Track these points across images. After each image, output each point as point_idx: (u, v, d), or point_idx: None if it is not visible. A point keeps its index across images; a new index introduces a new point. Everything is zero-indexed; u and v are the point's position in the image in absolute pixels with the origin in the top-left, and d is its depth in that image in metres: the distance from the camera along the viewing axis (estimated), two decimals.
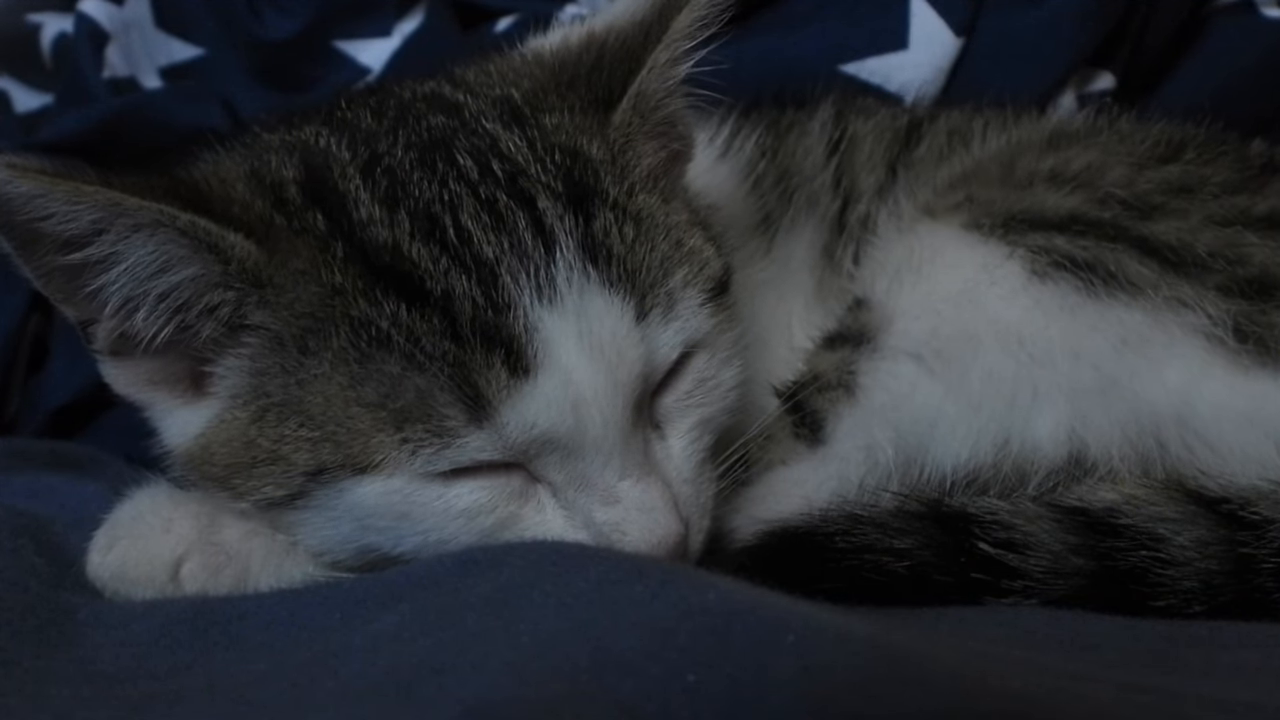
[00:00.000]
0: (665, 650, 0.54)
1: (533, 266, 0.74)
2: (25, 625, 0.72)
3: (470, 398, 0.72)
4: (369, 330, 0.73)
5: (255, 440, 0.76)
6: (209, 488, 0.80)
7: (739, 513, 0.87)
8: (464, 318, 0.72)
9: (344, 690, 0.60)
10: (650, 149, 0.85)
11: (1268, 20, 1.29)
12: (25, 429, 1.35)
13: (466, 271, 0.73)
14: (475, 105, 0.83)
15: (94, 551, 0.81)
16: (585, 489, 0.76)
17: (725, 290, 0.84)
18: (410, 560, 0.77)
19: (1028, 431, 0.86)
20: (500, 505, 0.76)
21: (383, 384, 0.72)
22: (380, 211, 0.75)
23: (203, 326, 0.76)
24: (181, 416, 0.80)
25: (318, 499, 0.76)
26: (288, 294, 0.74)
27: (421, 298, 0.73)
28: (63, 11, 1.52)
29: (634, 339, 0.76)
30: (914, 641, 0.60)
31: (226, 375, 0.78)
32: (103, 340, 0.78)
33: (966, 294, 0.90)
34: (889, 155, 1.07)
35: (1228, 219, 0.92)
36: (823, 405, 0.91)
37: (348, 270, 0.74)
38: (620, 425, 0.75)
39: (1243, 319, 0.86)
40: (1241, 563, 0.79)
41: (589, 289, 0.74)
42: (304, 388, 0.74)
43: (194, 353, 0.78)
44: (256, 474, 0.76)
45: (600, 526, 0.76)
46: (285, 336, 0.74)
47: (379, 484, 0.74)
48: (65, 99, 1.49)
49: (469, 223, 0.75)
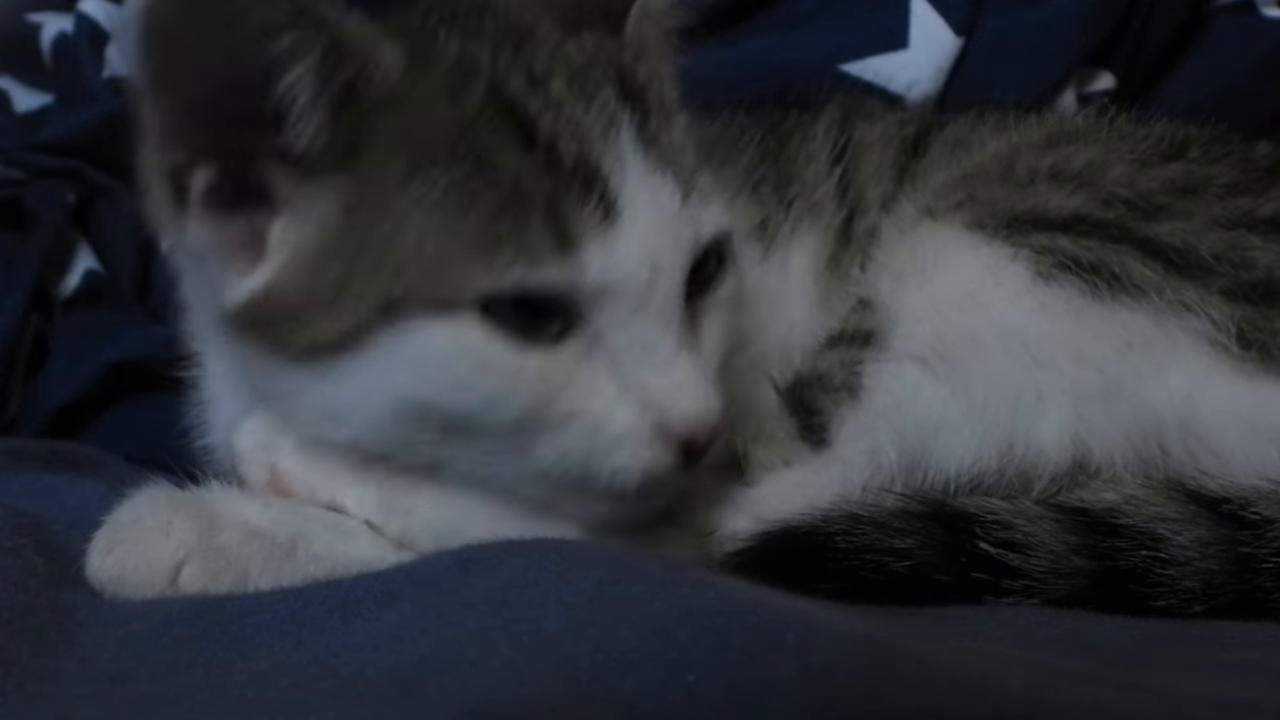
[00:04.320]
0: (665, 650, 0.54)
1: (612, 134, 0.80)
2: (25, 625, 0.72)
3: (561, 231, 0.76)
4: (487, 159, 0.77)
5: (327, 270, 0.78)
6: (253, 345, 0.81)
7: (743, 513, 0.86)
8: (566, 161, 0.78)
9: (344, 690, 0.60)
10: (667, 73, 0.90)
11: (1268, 20, 1.29)
12: (25, 429, 1.35)
13: (567, 126, 0.79)
14: (534, 14, 0.87)
15: (93, 554, 0.81)
16: (643, 355, 0.79)
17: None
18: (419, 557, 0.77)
19: (1032, 435, 0.86)
20: (561, 369, 0.79)
21: (485, 214, 0.76)
22: (507, 61, 0.81)
23: (317, 138, 0.78)
24: (244, 274, 0.81)
25: (380, 341, 0.77)
26: (419, 112, 0.78)
27: (534, 140, 0.78)
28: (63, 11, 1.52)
29: (685, 216, 0.81)
30: (914, 641, 0.60)
31: (300, 219, 0.80)
32: (199, 186, 0.79)
33: (971, 296, 0.90)
34: (896, 166, 1.07)
35: (1232, 221, 0.91)
36: (827, 407, 0.91)
37: (486, 100, 0.78)
38: (680, 293, 0.81)
39: (1246, 325, 0.86)
40: (1242, 562, 0.79)
41: (649, 166, 0.80)
42: (402, 215, 0.77)
43: (265, 206, 0.80)
44: (315, 311, 0.78)
45: (653, 396, 0.79)
46: (400, 155, 0.77)
47: (455, 330, 0.76)
48: (65, 99, 1.50)
49: (563, 90, 0.81)
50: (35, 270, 1.37)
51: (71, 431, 1.34)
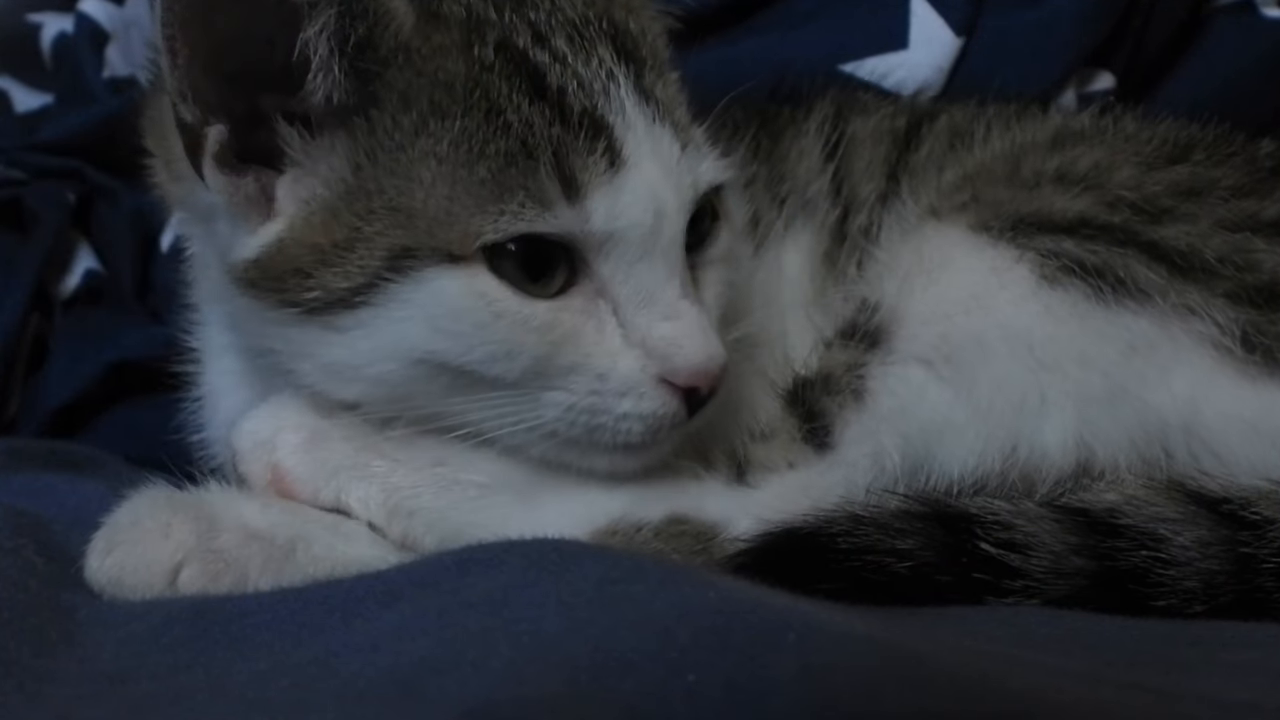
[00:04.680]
0: (665, 650, 0.54)
1: (612, 86, 0.82)
2: (25, 625, 0.72)
3: (568, 179, 0.79)
4: (497, 110, 0.79)
5: (336, 225, 0.80)
6: (261, 300, 0.83)
7: (746, 516, 0.86)
8: (573, 112, 0.80)
9: (344, 690, 0.60)
10: (660, 30, 0.93)
11: (1268, 20, 1.29)
12: (25, 429, 1.35)
13: (573, 78, 0.82)
14: None
15: (91, 556, 0.81)
16: (647, 303, 0.82)
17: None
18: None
19: (1036, 439, 0.86)
20: (567, 319, 0.81)
21: (494, 164, 0.78)
22: (512, 17, 0.83)
23: (332, 94, 0.79)
24: (254, 230, 0.83)
25: (390, 293, 0.79)
26: (431, 64, 0.80)
27: (542, 91, 0.80)
28: (63, 11, 1.52)
29: (684, 165, 0.84)
30: (914, 641, 0.60)
31: (308, 176, 0.82)
32: (212, 143, 0.81)
33: (976, 298, 0.89)
34: (889, 161, 1.07)
35: (1237, 224, 0.91)
36: (830, 409, 0.90)
37: (498, 53, 0.81)
38: (681, 242, 0.84)
39: (1250, 328, 0.86)
40: (1242, 562, 0.79)
41: (648, 117, 0.83)
42: (412, 168, 0.79)
43: (276, 164, 0.82)
44: (326, 264, 0.80)
45: (658, 343, 0.82)
46: (411, 108, 0.79)
47: (465, 280, 0.79)
48: (65, 99, 1.50)
49: (565, 46, 0.83)
50: (35, 270, 1.37)
51: (71, 431, 1.34)
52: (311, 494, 0.86)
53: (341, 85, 0.79)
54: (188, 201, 0.89)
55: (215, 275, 0.89)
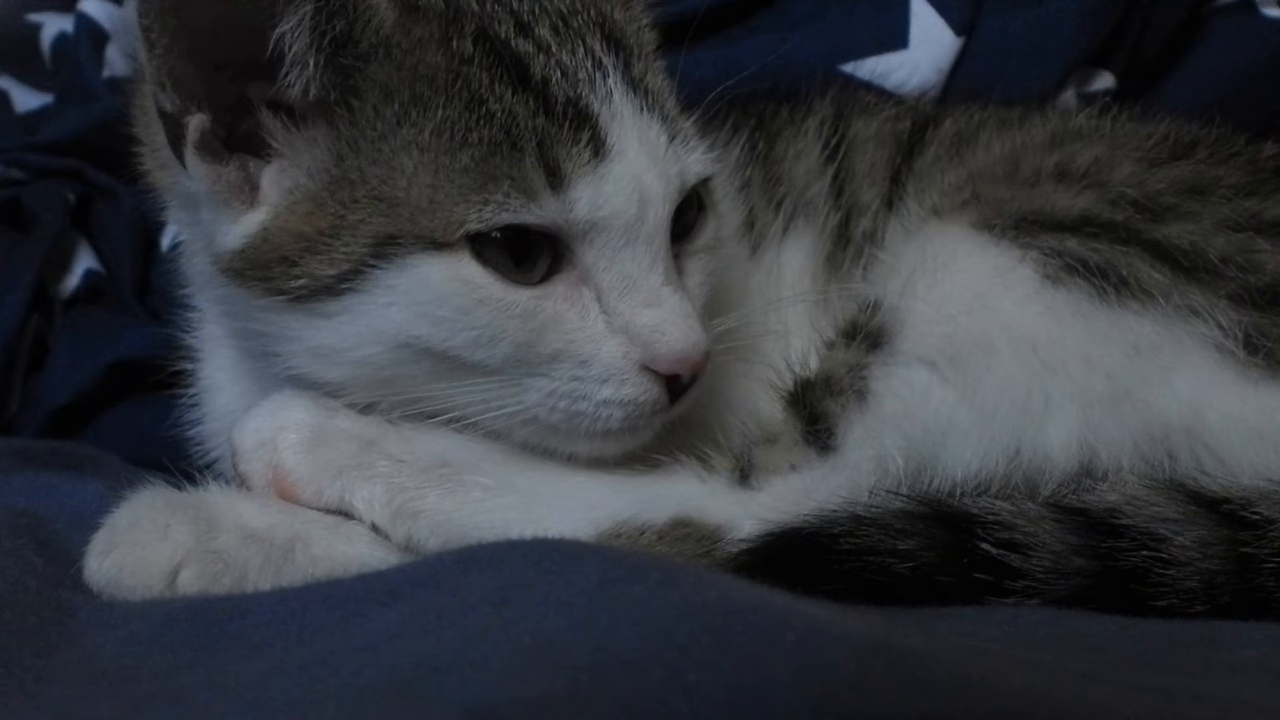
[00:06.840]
0: (665, 650, 0.54)
1: (600, 77, 0.83)
2: (25, 625, 0.72)
3: (552, 169, 0.79)
4: (479, 101, 0.80)
5: (321, 214, 0.80)
6: (248, 289, 0.83)
7: (749, 519, 0.86)
8: (557, 102, 0.81)
9: (344, 690, 0.60)
10: (648, 21, 0.94)
11: (1268, 20, 1.29)
12: (25, 429, 1.35)
13: (557, 68, 0.82)
14: None
15: (90, 557, 0.81)
16: (630, 292, 0.83)
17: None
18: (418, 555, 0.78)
19: (1039, 440, 0.86)
20: (550, 306, 0.82)
21: (477, 153, 0.79)
22: (494, 7, 0.84)
23: (310, 88, 0.80)
24: (238, 219, 0.84)
25: (374, 279, 0.80)
26: (412, 57, 0.80)
27: (525, 81, 0.81)
28: (63, 11, 1.52)
29: (671, 155, 0.85)
30: (914, 641, 0.59)
31: (292, 166, 0.82)
32: (194, 132, 0.82)
33: (980, 299, 0.89)
34: (892, 164, 1.06)
35: (1240, 223, 0.91)
36: (833, 411, 0.90)
37: (477, 44, 0.81)
38: (666, 230, 0.84)
39: (1253, 331, 0.86)
40: (1242, 563, 0.79)
41: (635, 107, 0.84)
42: (395, 158, 0.80)
43: (259, 153, 0.83)
44: (311, 252, 0.80)
45: (640, 330, 0.82)
46: (392, 99, 0.80)
47: (449, 267, 0.79)
48: (65, 99, 1.50)
49: (549, 35, 0.84)
50: (35, 270, 1.37)
51: (71, 431, 1.34)
52: (314, 495, 0.85)
53: (319, 80, 0.80)
54: (174, 189, 0.90)
55: (202, 263, 0.90)
